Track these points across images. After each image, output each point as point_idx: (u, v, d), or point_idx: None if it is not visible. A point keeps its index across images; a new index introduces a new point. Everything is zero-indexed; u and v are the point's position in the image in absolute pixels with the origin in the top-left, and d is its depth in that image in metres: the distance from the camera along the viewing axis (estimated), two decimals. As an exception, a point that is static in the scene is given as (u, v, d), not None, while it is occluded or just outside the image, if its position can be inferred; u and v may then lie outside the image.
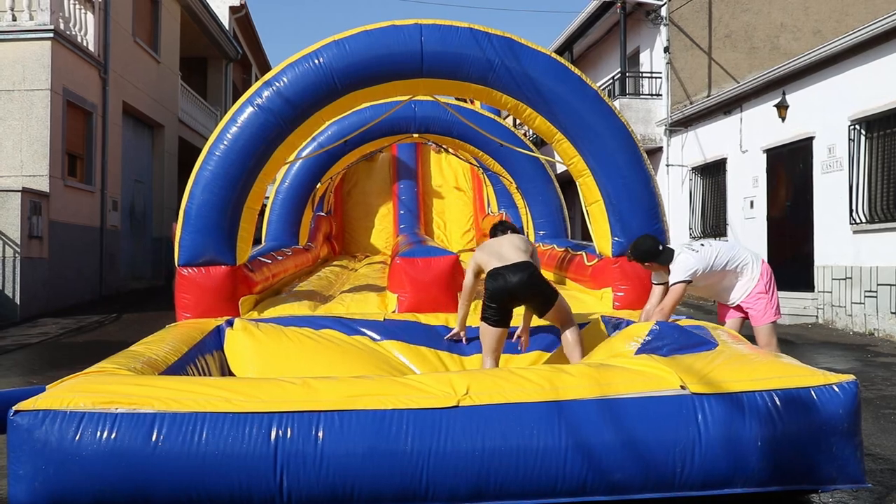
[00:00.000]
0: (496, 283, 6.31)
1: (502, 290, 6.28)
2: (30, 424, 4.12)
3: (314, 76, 7.53)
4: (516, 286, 6.25)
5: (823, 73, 14.56)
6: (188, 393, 4.33)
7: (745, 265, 6.75)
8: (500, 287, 6.28)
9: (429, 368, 6.83)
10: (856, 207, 13.47)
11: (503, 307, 6.36)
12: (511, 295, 6.30)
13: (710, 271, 6.62)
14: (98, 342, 11.10)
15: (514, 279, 6.25)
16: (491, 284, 6.34)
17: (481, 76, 7.66)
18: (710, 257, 6.63)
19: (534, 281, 6.32)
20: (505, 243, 6.62)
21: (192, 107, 25.64)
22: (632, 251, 6.91)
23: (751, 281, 6.74)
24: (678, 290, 6.53)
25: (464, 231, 17.99)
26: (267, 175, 7.96)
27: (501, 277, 6.29)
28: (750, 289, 6.74)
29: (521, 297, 6.38)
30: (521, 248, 6.52)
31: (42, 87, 14.99)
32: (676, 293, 6.54)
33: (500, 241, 6.75)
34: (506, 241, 6.68)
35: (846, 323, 13.70)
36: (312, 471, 4.12)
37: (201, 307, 7.57)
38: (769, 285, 6.77)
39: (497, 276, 6.33)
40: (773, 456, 4.33)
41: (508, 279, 6.26)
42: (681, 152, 20.33)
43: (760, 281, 6.73)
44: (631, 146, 7.88)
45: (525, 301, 6.46)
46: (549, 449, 4.24)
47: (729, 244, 7.05)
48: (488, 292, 6.36)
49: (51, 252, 15.08)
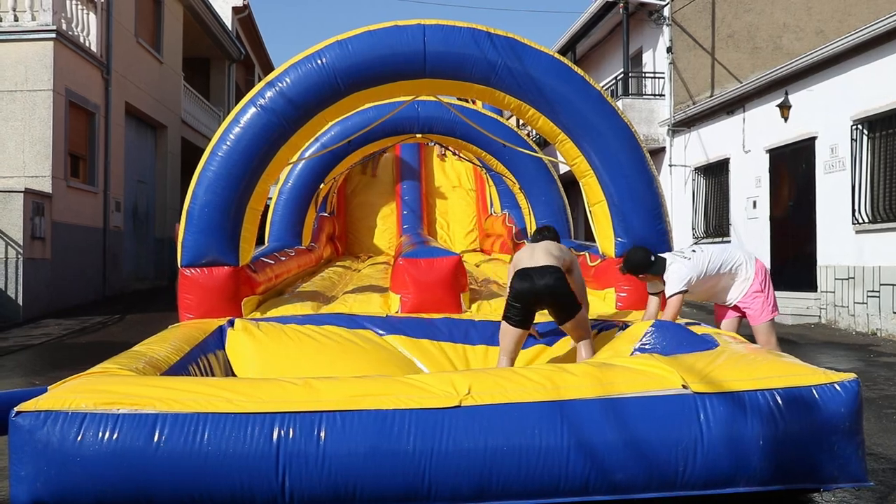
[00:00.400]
0: (522, 284, 6.35)
1: (528, 292, 6.31)
2: (31, 425, 4.13)
3: (317, 77, 7.54)
4: (542, 289, 6.28)
5: (826, 73, 14.55)
6: (190, 393, 4.34)
7: (738, 265, 6.76)
8: (525, 289, 6.32)
9: (432, 361, 6.86)
10: (858, 207, 13.46)
11: (526, 308, 6.39)
12: (536, 297, 6.32)
13: (705, 277, 6.64)
14: (101, 343, 11.10)
15: (540, 282, 6.28)
16: (517, 284, 6.39)
17: (484, 76, 7.67)
18: (703, 263, 6.64)
19: (559, 287, 6.32)
20: (539, 248, 6.66)
21: (194, 107, 25.65)
22: (624, 264, 6.96)
23: (746, 281, 6.76)
24: (676, 302, 6.57)
25: (467, 231, 18.01)
26: (270, 176, 7.97)
27: (528, 279, 6.33)
28: (746, 288, 6.76)
29: (544, 301, 6.39)
30: (553, 254, 6.53)
31: (44, 88, 15.00)
32: (675, 305, 6.57)
33: (536, 245, 6.78)
34: (541, 245, 6.72)
35: (849, 323, 13.69)
36: (314, 471, 4.12)
37: (204, 308, 7.58)
38: (765, 283, 6.79)
39: (525, 276, 6.37)
40: (775, 455, 4.33)
41: (535, 281, 6.30)
42: (684, 152, 20.32)
43: (756, 280, 6.75)
44: (634, 147, 7.88)
45: (548, 306, 6.47)
46: (551, 448, 4.24)
47: (720, 247, 7.07)
48: (513, 291, 6.41)
49: (53, 253, 15.09)
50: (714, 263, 6.68)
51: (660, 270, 6.72)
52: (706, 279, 6.66)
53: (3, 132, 14.94)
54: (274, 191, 13.00)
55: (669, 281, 6.60)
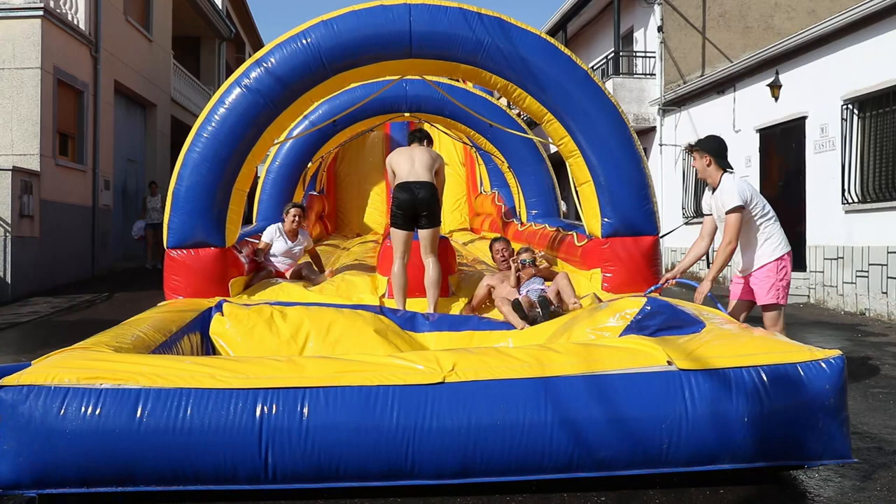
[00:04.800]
0: (404, 196, 7.69)
1: (409, 204, 7.69)
2: (14, 400, 4.13)
3: (302, 56, 7.48)
4: (420, 202, 7.68)
5: (817, 53, 14.52)
6: (173, 369, 4.33)
7: (772, 234, 6.43)
8: (407, 200, 7.68)
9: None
10: (848, 187, 13.46)
11: (406, 215, 7.72)
12: (415, 207, 7.70)
13: (752, 206, 6.38)
14: (89, 321, 11.05)
15: (419, 195, 7.68)
16: (400, 195, 7.72)
17: (471, 57, 7.61)
18: (754, 191, 6.48)
19: (433, 201, 7.77)
20: (417, 159, 7.91)
21: (185, 86, 25.50)
22: (701, 140, 6.77)
23: (769, 255, 6.39)
24: (735, 222, 6.29)
25: (455, 209, 17.96)
26: (256, 156, 7.93)
27: (410, 191, 7.70)
28: (764, 262, 6.43)
29: (420, 210, 7.70)
30: (428, 167, 7.88)
31: (32, 66, 14.86)
32: (734, 226, 6.29)
33: (414, 153, 8.00)
34: (418, 156, 7.95)
35: (837, 303, 13.72)
36: (298, 447, 4.12)
37: (191, 289, 7.57)
38: (783, 271, 6.45)
39: (406, 189, 7.74)
40: (759, 432, 4.34)
41: (416, 194, 7.68)
42: (674, 132, 20.29)
43: (777, 262, 6.40)
44: (621, 126, 7.84)
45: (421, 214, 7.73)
46: (535, 425, 4.24)
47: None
48: (397, 202, 7.74)
49: (42, 231, 15.00)
50: (760, 203, 6.44)
51: (724, 165, 6.59)
52: (750, 212, 6.40)
53: (-10, 110, 14.82)
54: (262, 170, 12.96)
55: (727, 192, 6.36)
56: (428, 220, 7.77)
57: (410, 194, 7.68)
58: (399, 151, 8.13)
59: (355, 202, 17.94)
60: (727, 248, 6.32)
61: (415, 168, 7.81)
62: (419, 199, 7.68)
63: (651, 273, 7.86)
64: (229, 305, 6.92)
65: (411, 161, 7.89)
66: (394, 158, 8.05)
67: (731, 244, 6.32)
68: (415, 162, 7.87)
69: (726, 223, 6.35)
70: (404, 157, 7.98)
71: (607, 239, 7.93)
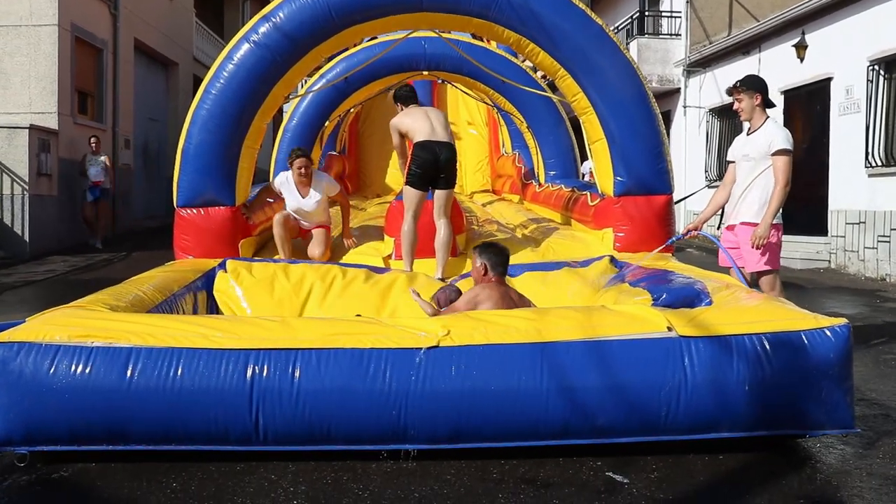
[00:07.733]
0: (427, 155, 7.59)
1: (431, 164, 7.60)
2: (4, 356, 4.12)
3: (311, 10, 7.37)
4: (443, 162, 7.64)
5: (844, 12, 14.19)
6: (165, 328, 4.29)
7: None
8: (430, 160, 7.58)
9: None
10: (872, 150, 13.21)
11: (427, 175, 7.64)
12: (437, 167, 7.63)
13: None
14: (105, 279, 11.03)
15: (442, 156, 7.62)
16: (423, 154, 7.60)
17: (482, 10, 7.47)
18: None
19: (454, 161, 7.79)
20: (436, 120, 7.79)
21: (207, 45, 25.41)
22: (746, 79, 6.59)
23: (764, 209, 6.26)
24: (786, 162, 6.27)
25: (477, 171, 17.84)
26: (265, 113, 7.87)
27: (432, 152, 7.60)
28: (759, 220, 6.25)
29: (442, 171, 7.67)
30: (447, 129, 7.83)
31: (49, 23, 14.81)
32: (785, 165, 6.26)
33: (430, 114, 7.92)
34: (435, 117, 7.87)
35: (858, 268, 13.52)
36: (288, 409, 4.08)
37: (201, 249, 7.54)
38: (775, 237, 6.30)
39: (428, 148, 7.61)
40: (760, 400, 4.24)
41: (438, 154, 7.60)
42: (699, 94, 20.01)
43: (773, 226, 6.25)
44: (636, 83, 7.67)
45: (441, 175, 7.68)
46: (530, 390, 4.16)
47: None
48: (418, 161, 7.62)
49: (60, 190, 15.04)
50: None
51: (767, 104, 6.50)
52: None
53: (7, 68, 14.80)
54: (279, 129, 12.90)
55: (776, 133, 6.30)
56: (446, 181, 7.72)
57: (433, 154, 7.58)
58: (408, 113, 7.90)
59: (377, 162, 17.84)
60: (783, 190, 6.23)
61: (435, 128, 7.69)
62: (442, 160, 7.60)
63: (664, 233, 7.69)
64: (232, 262, 6.88)
65: (428, 120, 7.74)
66: (404, 121, 7.84)
67: (787, 186, 6.26)
68: (433, 121, 7.75)
69: (776, 165, 6.26)
70: (418, 116, 7.79)
71: (619, 198, 7.79)
